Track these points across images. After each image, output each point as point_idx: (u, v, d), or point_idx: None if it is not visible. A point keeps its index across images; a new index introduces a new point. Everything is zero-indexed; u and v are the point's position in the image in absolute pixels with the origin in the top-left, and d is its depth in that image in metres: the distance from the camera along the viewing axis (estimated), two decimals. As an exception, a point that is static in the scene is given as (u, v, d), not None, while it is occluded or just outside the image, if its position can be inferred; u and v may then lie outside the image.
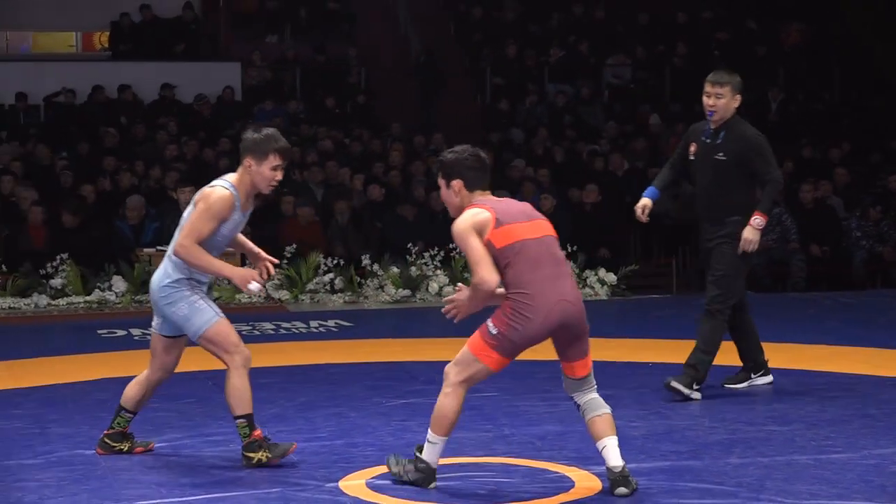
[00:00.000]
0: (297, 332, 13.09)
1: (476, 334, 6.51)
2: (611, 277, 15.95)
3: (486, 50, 23.79)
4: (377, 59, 23.76)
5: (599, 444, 6.54)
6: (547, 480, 6.71)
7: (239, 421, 7.10)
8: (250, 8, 24.15)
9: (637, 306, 15.17)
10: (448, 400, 6.52)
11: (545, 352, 11.14)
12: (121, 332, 12.96)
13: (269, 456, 7.04)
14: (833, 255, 17.48)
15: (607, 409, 6.61)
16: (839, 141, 21.14)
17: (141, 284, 14.85)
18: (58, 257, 14.94)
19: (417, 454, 6.65)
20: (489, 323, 6.46)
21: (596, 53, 23.89)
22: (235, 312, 13.27)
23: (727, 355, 9.35)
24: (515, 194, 17.93)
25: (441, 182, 6.65)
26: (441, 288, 15.36)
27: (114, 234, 16.07)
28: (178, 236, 7.10)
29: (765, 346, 9.48)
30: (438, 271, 15.53)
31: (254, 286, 7.00)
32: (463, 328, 13.29)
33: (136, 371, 10.34)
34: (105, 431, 7.56)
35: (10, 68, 22.45)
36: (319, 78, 22.90)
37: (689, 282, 18.08)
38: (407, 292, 15.25)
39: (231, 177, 7.23)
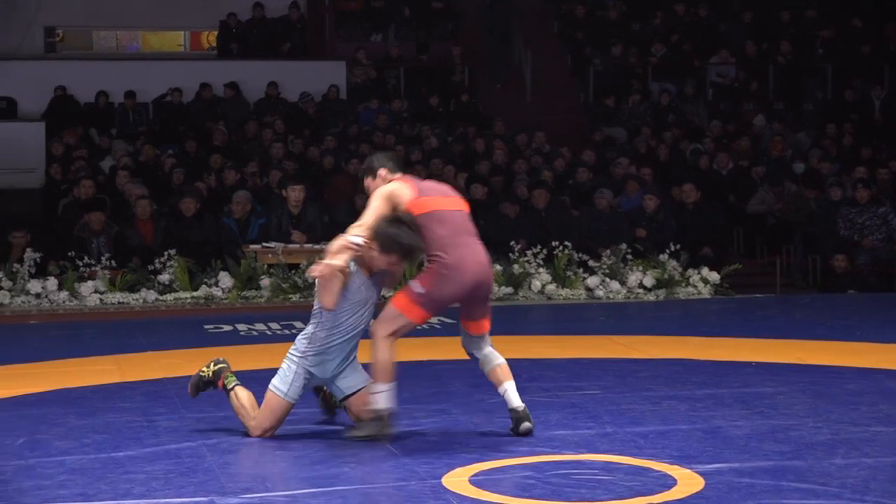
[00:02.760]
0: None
1: (401, 293, 7.46)
2: (714, 276, 15.81)
3: (589, 48, 23.77)
4: (481, 57, 23.79)
5: (500, 389, 7.61)
6: (649, 478, 6.71)
7: None
8: (355, 7, 24.31)
9: (740, 305, 15.03)
10: (380, 352, 7.39)
11: (647, 350, 11.19)
12: (227, 328, 13.07)
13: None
14: (940, 254, 17.26)
15: (502, 360, 7.62)
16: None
17: (247, 280, 14.99)
18: (165, 253, 15.06)
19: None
20: (414, 283, 7.42)
21: (700, 52, 23.77)
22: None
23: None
24: (619, 193, 17.98)
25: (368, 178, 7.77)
26: (544, 286, 15.33)
27: (220, 229, 16.18)
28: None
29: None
30: (541, 269, 15.46)
31: None
32: (566, 327, 13.30)
33: (242, 366, 10.50)
34: None
35: (120, 67, 22.79)
36: (423, 76, 23.02)
37: (792, 281, 17.95)
38: (510, 290, 15.23)
39: None
